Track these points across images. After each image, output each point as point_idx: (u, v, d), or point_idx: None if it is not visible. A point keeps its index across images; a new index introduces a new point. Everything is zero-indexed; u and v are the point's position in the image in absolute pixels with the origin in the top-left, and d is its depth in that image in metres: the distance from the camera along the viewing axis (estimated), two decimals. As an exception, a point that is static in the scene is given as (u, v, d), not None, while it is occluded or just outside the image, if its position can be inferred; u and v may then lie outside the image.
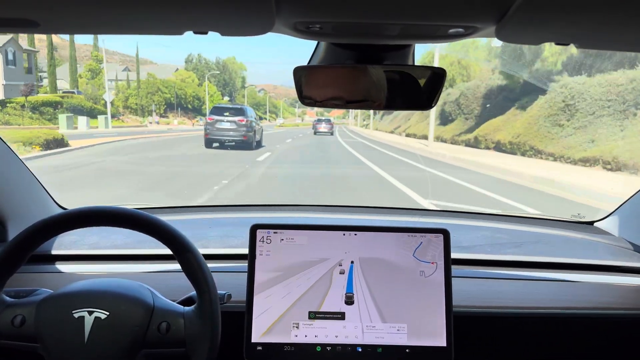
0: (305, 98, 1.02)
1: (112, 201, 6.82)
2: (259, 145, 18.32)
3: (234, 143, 16.62)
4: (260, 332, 1.07)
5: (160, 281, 1.19)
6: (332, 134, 30.70)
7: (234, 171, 10.18)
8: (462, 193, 8.66)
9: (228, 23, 0.78)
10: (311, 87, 1.01)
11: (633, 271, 1.40)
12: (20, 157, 1.42)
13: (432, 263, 1.10)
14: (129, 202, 1.62)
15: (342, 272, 1.09)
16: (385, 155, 16.38)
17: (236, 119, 16.51)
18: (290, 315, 1.07)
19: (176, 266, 0.94)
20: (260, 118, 21.65)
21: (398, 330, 1.07)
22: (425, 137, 22.41)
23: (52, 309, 0.89)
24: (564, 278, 1.35)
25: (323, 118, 34.48)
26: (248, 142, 16.82)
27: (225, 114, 16.84)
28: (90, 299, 0.90)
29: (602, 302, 1.25)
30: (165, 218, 0.93)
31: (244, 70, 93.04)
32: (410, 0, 0.68)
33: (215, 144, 16.95)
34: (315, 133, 30.81)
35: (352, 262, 1.10)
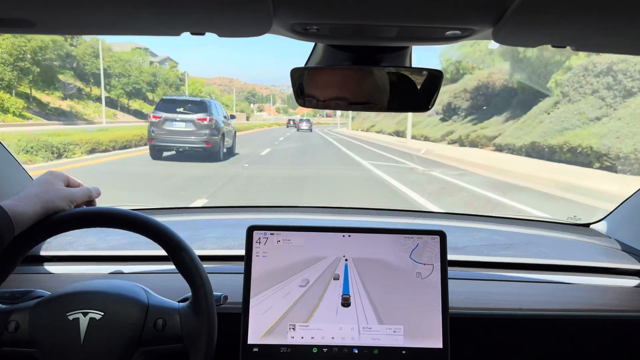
0: (301, 98, 1.02)
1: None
2: (230, 153, 13.78)
3: (192, 152, 12.24)
4: (257, 334, 1.06)
5: (156, 282, 1.19)
6: (311, 130, 40.87)
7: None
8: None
9: (225, 25, 0.78)
10: (307, 87, 1.02)
11: (628, 273, 1.41)
12: (16, 158, 1.42)
13: (429, 265, 1.10)
14: (125, 204, 1.62)
15: (338, 274, 1.09)
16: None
17: (194, 117, 12.10)
18: (287, 317, 1.07)
19: (171, 267, 0.94)
20: (232, 117, 15.70)
21: (394, 331, 1.07)
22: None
23: (46, 313, 0.89)
24: (560, 280, 1.36)
25: (304, 118, 45.63)
26: (213, 151, 12.31)
27: (178, 109, 12.35)
28: (84, 300, 0.89)
29: (597, 303, 1.26)
30: (161, 219, 0.93)
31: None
32: (407, 3, 0.69)
33: (167, 153, 12.41)
34: (297, 130, 41.01)
35: (348, 263, 1.10)
